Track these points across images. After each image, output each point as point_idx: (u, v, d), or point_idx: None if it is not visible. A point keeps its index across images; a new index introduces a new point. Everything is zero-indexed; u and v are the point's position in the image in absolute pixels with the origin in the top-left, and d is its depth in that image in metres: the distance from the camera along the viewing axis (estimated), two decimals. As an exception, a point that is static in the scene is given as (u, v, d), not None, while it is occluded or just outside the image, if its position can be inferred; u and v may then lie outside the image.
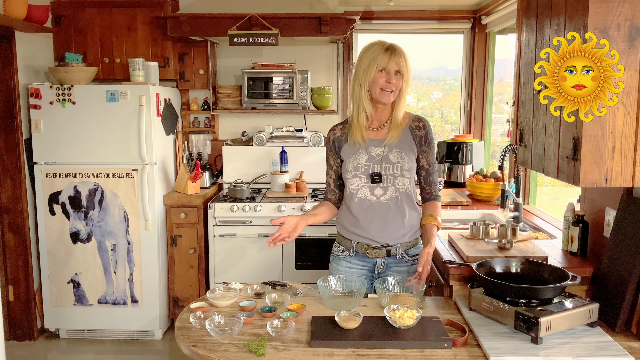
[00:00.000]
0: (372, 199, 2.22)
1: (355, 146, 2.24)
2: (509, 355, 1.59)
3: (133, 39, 3.93)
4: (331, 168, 2.35)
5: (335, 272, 2.32)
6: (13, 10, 3.30)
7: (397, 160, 2.21)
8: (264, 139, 4.18)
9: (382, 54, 2.13)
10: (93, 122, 3.61)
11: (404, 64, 2.15)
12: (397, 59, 2.13)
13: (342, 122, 2.35)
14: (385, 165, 2.21)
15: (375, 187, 2.21)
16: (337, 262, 2.33)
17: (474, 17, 4.30)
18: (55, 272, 3.75)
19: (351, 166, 2.23)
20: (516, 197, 2.91)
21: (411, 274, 2.22)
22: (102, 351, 3.69)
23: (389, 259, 2.26)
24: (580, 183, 1.65)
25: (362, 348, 1.65)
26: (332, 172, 2.35)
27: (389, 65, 2.13)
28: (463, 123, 4.56)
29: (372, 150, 2.22)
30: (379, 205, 2.22)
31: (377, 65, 2.13)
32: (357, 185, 2.23)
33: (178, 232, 3.83)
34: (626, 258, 1.84)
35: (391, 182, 2.21)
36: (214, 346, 1.68)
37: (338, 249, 2.34)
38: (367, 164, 2.21)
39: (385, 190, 2.21)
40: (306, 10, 3.71)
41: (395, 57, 2.13)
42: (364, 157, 2.22)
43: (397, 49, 2.15)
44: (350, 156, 2.24)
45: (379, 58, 2.13)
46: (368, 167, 2.22)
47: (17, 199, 3.67)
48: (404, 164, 2.21)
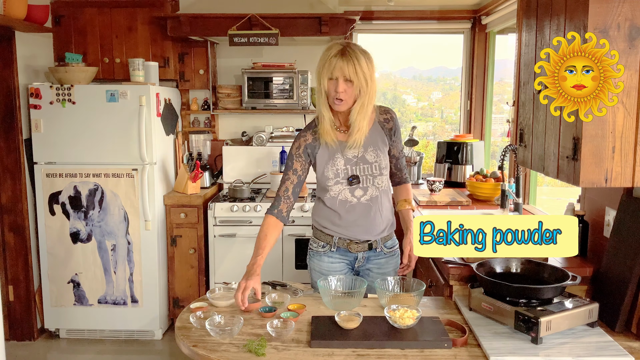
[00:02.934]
0: (353, 200, 2.22)
1: (330, 151, 2.19)
2: (509, 355, 1.59)
3: (133, 39, 3.93)
4: (295, 173, 2.22)
5: (317, 269, 2.32)
6: (13, 10, 3.30)
7: (374, 160, 2.20)
8: (264, 139, 4.18)
9: (330, 60, 2.03)
10: (93, 122, 3.61)
11: (353, 71, 2.01)
12: (345, 65, 2.00)
13: (309, 127, 2.26)
14: (363, 166, 2.20)
15: (355, 188, 2.21)
16: (319, 258, 2.31)
17: (474, 17, 4.30)
18: (55, 272, 3.75)
19: (331, 173, 2.20)
20: (516, 197, 2.91)
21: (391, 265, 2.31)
22: (102, 351, 3.69)
23: (369, 252, 2.28)
24: (580, 183, 1.65)
25: (362, 348, 1.66)
26: (295, 177, 2.22)
27: (334, 73, 2.03)
28: (463, 123, 4.56)
29: (348, 153, 2.19)
30: (361, 206, 2.22)
31: (325, 73, 2.05)
32: (339, 189, 2.22)
33: (178, 232, 3.83)
34: (626, 258, 1.84)
35: (370, 182, 2.21)
36: (214, 346, 1.68)
37: (317, 244, 2.32)
38: (345, 167, 2.19)
39: (365, 190, 2.22)
40: (306, 10, 3.71)
41: (343, 63, 2.00)
42: (341, 162, 2.19)
43: (347, 54, 2.01)
44: (327, 162, 2.20)
45: (326, 65, 2.04)
46: (347, 171, 2.20)
47: (17, 199, 3.67)
48: (381, 162, 2.21)
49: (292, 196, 2.23)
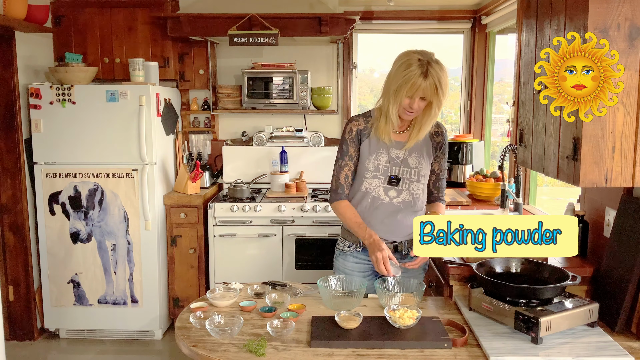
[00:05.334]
0: (385, 199, 2.23)
1: (377, 145, 2.21)
2: (509, 355, 1.59)
3: (133, 39, 3.93)
4: (351, 159, 2.25)
5: (341, 268, 2.32)
6: (13, 10, 3.30)
7: (415, 165, 2.22)
8: (264, 139, 4.18)
9: (414, 81, 2.02)
10: (93, 122, 3.61)
11: (434, 92, 2.04)
12: (428, 87, 2.03)
13: (364, 115, 2.28)
14: (404, 169, 2.22)
15: (390, 188, 2.23)
16: (344, 257, 2.33)
17: (474, 17, 4.30)
18: (55, 272, 3.75)
19: (372, 166, 2.22)
20: (516, 197, 2.91)
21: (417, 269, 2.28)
22: (102, 351, 3.69)
23: (395, 254, 2.26)
24: (580, 183, 1.65)
25: (362, 348, 1.66)
26: (351, 164, 2.25)
27: (416, 93, 2.05)
28: (463, 123, 4.56)
29: (393, 152, 2.22)
30: (390, 206, 2.23)
31: (405, 91, 2.05)
32: (374, 185, 2.23)
33: (178, 232, 3.83)
34: (626, 258, 1.84)
35: (406, 186, 2.22)
36: (214, 346, 1.68)
37: (344, 244, 2.34)
38: (386, 165, 2.22)
39: (400, 193, 2.23)
40: (306, 10, 3.71)
41: (426, 84, 2.02)
42: (384, 158, 2.21)
43: (430, 75, 2.02)
44: (370, 155, 2.22)
45: (409, 84, 2.03)
46: (387, 169, 2.22)
47: (17, 199, 3.67)
48: (422, 170, 2.23)
49: (352, 181, 2.29)
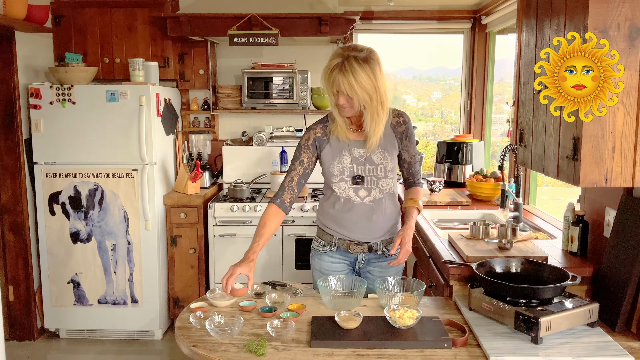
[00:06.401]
0: (357, 200, 2.23)
1: (338, 148, 2.21)
2: (509, 355, 1.59)
3: (133, 39, 3.93)
4: (301, 165, 2.23)
5: (317, 267, 2.33)
6: (13, 10, 3.30)
7: (380, 162, 2.21)
8: (264, 139, 4.18)
9: (330, 74, 2.03)
10: (93, 122, 3.61)
11: (350, 88, 2.00)
12: (342, 81, 2.00)
13: (322, 121, 2.28)
14: (368, 167, 2.20)
15: (359, 188, 2.22)
16: (319, 256, 2.33)
17: (474, 17, 4.30)
18: (55, 272, 3.75)
19: (337, 170, 2.21)
20: (516, 197, 2.91)
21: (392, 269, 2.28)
22: (102, 351, 3.69)
23: (369, 254, 2.28)
24: (580, 183, 1.65)
25: (362, 348, 1.65)
26: (301, 169, 2.23)
27: (333, 87, 2.05)
28: (463, 123, 4.56)
29: (355, 152, 2.21)
30: (363, 207, 2.23)
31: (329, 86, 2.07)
32: (344, 187, 2.23)
33: (178, 232, 3.83)
34: (626, 258, 1.84)
35: (375, 184, 2.22)
36: (214, 346, 1.68)
37: (319, 243, 2.34)
38: (351, 166, 2.21)
39: (369, 191, 2.22)
40: (306, 10, 3.71)
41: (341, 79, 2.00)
42: (347, 160, 2.20)
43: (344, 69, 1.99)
44: (333, 159, 2.22)
45: (326, 77, 2.06)
46: (352, 169, 2.21)
47: (17, 199, 3.67)
48: (387, 165, 2.21)
49: (297, 187, 2.23)
